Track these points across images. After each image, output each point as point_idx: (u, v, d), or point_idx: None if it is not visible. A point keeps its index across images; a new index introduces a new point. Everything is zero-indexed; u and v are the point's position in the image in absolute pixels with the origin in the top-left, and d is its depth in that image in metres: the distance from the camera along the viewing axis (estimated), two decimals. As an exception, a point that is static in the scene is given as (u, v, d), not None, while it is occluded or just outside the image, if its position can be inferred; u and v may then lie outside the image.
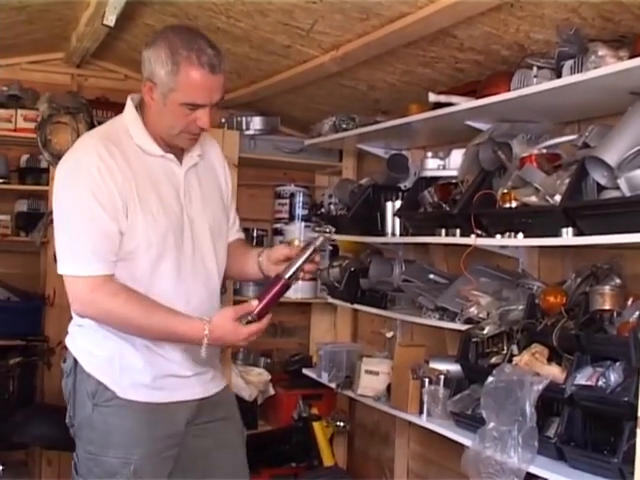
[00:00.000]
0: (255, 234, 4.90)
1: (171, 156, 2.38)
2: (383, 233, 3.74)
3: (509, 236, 2.79)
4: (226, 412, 2.55)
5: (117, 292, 2.24)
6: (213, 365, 2.52)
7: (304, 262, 2.35)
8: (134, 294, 2.25)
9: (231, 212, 2.66)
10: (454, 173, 3.26)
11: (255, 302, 2.27)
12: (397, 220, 3.67)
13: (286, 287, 2.33)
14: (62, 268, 2.26)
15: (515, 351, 2.71)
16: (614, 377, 2.32)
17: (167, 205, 2.33)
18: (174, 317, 2.26)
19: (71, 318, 2.43)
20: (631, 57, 2.32)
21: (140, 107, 2.38)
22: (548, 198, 2.59)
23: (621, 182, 2.33)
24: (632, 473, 2.08)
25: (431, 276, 3.60)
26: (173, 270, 2.33)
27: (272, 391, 4.65)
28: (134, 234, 2.25)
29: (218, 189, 2.57)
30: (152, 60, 2.25)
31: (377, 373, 3.59)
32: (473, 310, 2.99)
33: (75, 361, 2.37)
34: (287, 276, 2.32)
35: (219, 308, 2.44)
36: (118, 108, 2.50)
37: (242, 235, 2.73)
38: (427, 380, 3.13)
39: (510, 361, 2.66)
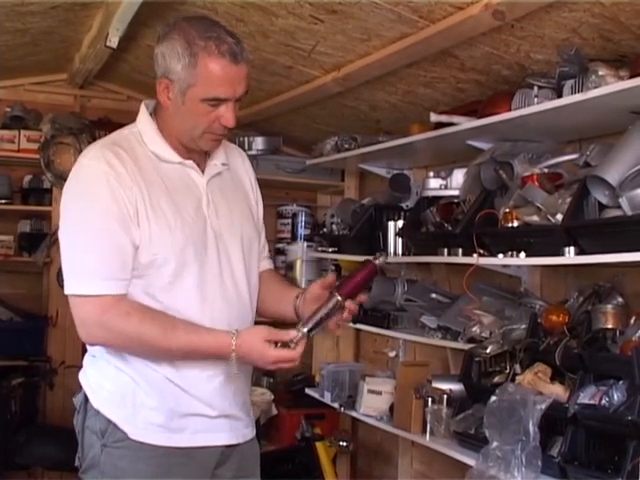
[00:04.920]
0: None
1: (190, 162, 2.13)
2: (385, 253, 3.73)
3: (511, 255, 2.79)
4: (249, 470, 2.25)
5: (130, 311, 1.98)
6: (246, 409, 2.23)
7: (327, 314, 2.09)
8: (149, 312, 2.00)
9: (261, 233, 2.38)
10: (456, 192, 3.27)
11: (293, 332, 2.00)
12: (399, 240, 3.67)
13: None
14: (69, 288, 2.00)
15: (518, 370, 2.70)
16: (617, 396, 2.30)
17: (186, 215, 2.06)
18: (195, 332, 2.01)
19: (84, 348, 2.18)
20: (631, 77, 2.34)
21: (155, 114, 2.15)
22: (550, 217, 2.59)
23: (622, 201, 2.33)
24: (636, 492, 2.07)
25: (433, 295, 3.59)
26: (195, 288, 2.06)
27: (275, 411, 4.64)
28: (148, 246, 2.00)
29: (247, 204, 2.30)
30: (166, 55, 2.00)
31: (380, 393, 3.58)
32: (476, 329, 2.99)
33: (85, 396, 2.10)
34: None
35: None
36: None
37: (272, 265, 2.46)
38: (430, 399, 3.12)
39: (513, 380, 2.65)
